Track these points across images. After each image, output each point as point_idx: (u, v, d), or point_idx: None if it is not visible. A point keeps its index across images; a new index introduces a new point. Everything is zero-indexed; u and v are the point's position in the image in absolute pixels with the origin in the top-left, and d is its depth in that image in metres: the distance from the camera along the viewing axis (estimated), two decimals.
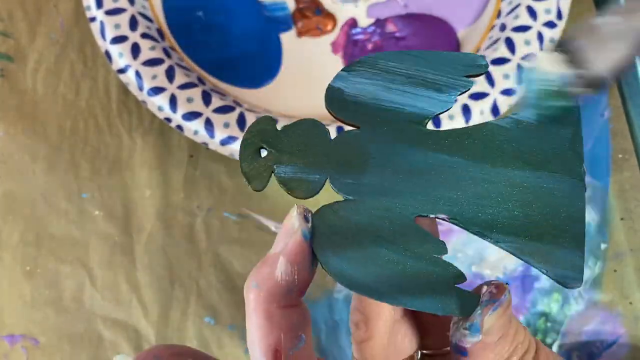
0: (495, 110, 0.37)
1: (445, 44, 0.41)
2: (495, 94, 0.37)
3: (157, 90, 0.36)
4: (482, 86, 0.37)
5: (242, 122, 0.36)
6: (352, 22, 0.41)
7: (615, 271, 0.37)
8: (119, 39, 0.37)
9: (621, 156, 0.39)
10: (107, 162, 0.38)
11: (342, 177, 0.18)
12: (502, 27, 0.39)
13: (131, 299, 0.36)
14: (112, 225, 0.37)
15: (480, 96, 0.37)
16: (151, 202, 0.38)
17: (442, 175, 0.18)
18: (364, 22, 0.41)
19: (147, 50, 0.37)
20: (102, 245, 0.37)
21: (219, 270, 0.37)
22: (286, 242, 0.17)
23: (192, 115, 0.36)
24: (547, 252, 0.17)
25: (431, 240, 0.17)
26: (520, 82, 0.17)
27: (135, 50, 0.37)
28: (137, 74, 0.37)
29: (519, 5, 0.39)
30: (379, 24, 0.41)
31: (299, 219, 0.17)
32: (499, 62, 0.37)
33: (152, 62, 0.37)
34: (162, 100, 0.36)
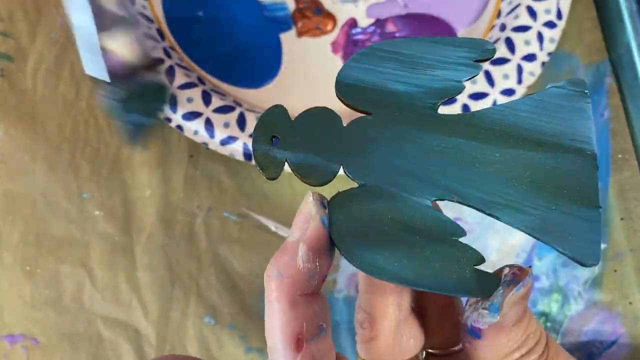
0: None
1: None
2: (495, 94, 0.37)
3: None
4: (482, 86, 0.37)
5: (242, 122, 0.36)
6: (352, 22, 0.41)
7: (615, 271, 0.37)
8: None
9: (621, 156, 0.39)
10: (107, 162, 0.38)
11: (356, 164, 0.18)
12: (502, 27, 0.39)
13: (131, 299, 0.36)
14: (112, 225, 0.37)
15: (480, 96, 0.37)
16: (151, 202, 0.38)
17: (455, 158, 0.18)
18: (364, 22, 0.41)
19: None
20: (102, 245, 0.37)
21: (219, 270, 0.37)
22: (304, 229, 0.17)
23: (192, 115, 0.36)
24: (561, 230, 0.17)
25: (448, 223, 0.17)
26: None
27: None
28: None
29: (519, 5, 0.39)
30: (379, 24, 0.41)
31: (316, 206, 0.17)
32: (499, 62, 0.37)
33: None
34: None
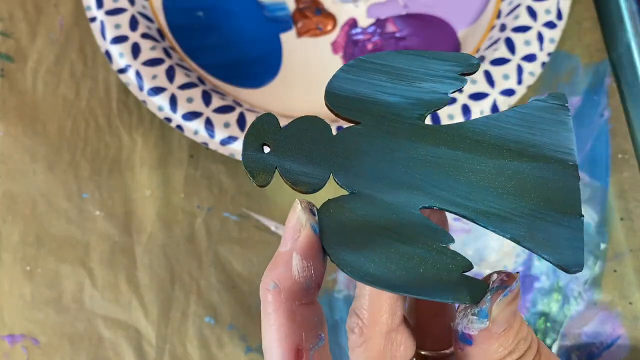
0: (495, 110, 0.37)
1: (445, 44, 0.41)
2: (495, 94, 0.37)
3: (157, 90, 0.36)
4: (482, 86, 0.37)
5: (242, 122, 0.36)
6: (352, 22, 0.41)
7: (615, 271, 0.37)
8: (120, 39, 0.37)
9: (621, 156, 0.39)
10: (107, 162, 0.38)
11: (345, 172, 0.18)
12: (502, 28, 0.39)
13: (131, 299, 0.36)
14: (112, 225, 0.37)
15: (480, 96, 0.37)
16: (151, 202, 0.38)
17: (442, 167, 0.18)
18: (364, 22, 0.41)
19: (148, 50, 0.37)
20: (102, 245, 0.37)
21: (219, 270, 0.37)
22: (295, 239, 0.17)
23: (192, 115, 0.36)
24: (546, 238, 0.17)
25: (437, 230, 0.18)
26: None
27: (135, 50, 0.37)
28: (138, 74, 0.37)
29: (519, 5, 0.39)
30: (379, 24, 0.41)
31: (306, 213, 0.17)
32: (499, 62, 0.37)
33: (153, 62, 0.37)
34: (162, 100, 0.36)
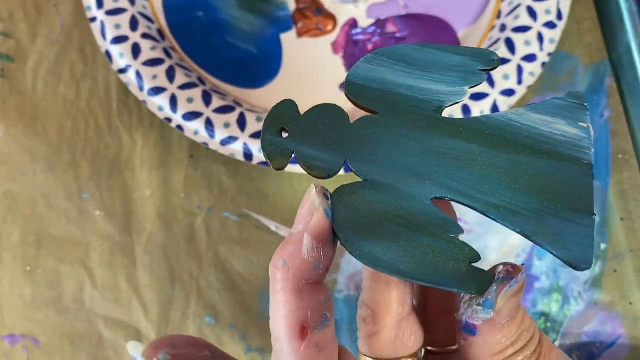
0: (494, 110, 0.37)
1: (445, 44, 0.41)
2: (495, 94, 0.37)
3: (157, 90, 0.36)
4: (482, 86, 0.37)
5: (242, 122, 0.36)
6: (352, 22, 0.41)
7: (615, 271, 0.37)
8: (120, 39, 0.37)
9: (621, 156, 0.39)
10: (107, 162, 0.38)
11: (359, 159, 0.18)
12: (502, 28, 0.39)
13: (131, 299, 0.36)
14: (112, 225, 0.37)
15: (480, 96, 0.37)
16: (151, 202, 0.38)
17: (456, 159, 0.18)
18: (364, 22, 0.41)
19: (148, 50, 0.37)
20: (102, 245, 0.37)
21: (219, 270, 0.37)
22: (307, 220, 0.18)
23: (192, 115, 0.36)
24: (556, 234, 0.18)
25: (447, 221, 0.18)
26: None
27: (135, 50, 0.37)
28: (138, 73, 0.37)
29: (519, 5, 0.39)
30: (379, 24, 0.41)
31: (319, 197, 0.18)
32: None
33: (153, 62, 0.37)
34: (162, 100, 0.36)
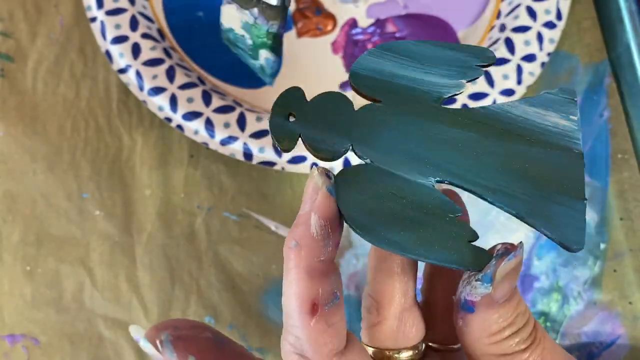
0: None
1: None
2: (494, 94, 0.37)
3: (157, 90, 0.36)
4: (482, 86, 0.37)
5: (242, 122, 0.36)
6: (352, 23, 0.41)
7: (614, 271, 0.37)
8: (120, 39, 0.37)
9: (620, 156, 0.39)
10: (107, 162, 0.38)
11: (363, 143, 0.19)
12: (502, 28, 0.39)
13: (131, 299, 0.36)
14: (112, 225, 0.37)
15: (480, 96, 0.37)
16: (151, 202, 0.38)
17: (456, 146, 0.19)
18: (364, 22, 0.41)
19: (148, 50, 0.37)
20: (103, 245, 0.37)
21: (219, 270, 0.37)
22: (312, 200, 0.18)
23: (192, 115, 0.36)
24: (550, 217, 0.19)
25: (447, 202, 0.19)
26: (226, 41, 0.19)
27: (135, 50, 0.37)
28: (138, 74, 0.37)
29: (518, 5, 0.39)
30: (379, 24, 0.41)
31: (322, 177, 0.18)
32: (499, 62, 0.37)
33: (153, 62, 0.37)
34: (162, 100, 0.36)
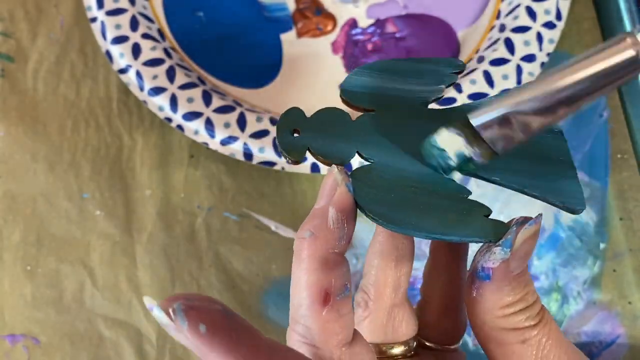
0: None
1: (445, 44, 0.41)
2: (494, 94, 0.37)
3: (157, 90, 0.36)
4: (482, 86, 0.37)
5: (242, 122, 0.36)
6: (352, 23, 0.41)
7: (614, 271, 0.37)
8: (120, 39, 0.37)
9: (620, 156, 0.39)
10: (108, 162, 0.38)
11: (367, 146, 0.21)
12: (502, 28, 0.39)
13: (131, 299, 0.36)
14: (112, 225, 0.37)
15: (479, 96, 0.37)
16: (152, 202, 0.38)
17: None
18: (364, 22, 0.41)
19: (148, 50, 0.37)
20: (103, 245, 0.37)
21: (219, 270, 0.37)
22: (331, 196, 0.19)
23: (192, 115, 0.36)
24: (548, 186, 0.20)
25: (455, 184, 0.20)
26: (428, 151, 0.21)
27: (136, 50, 0.37)
28: (138, 74, 0.37)
29: (518, 6, 0.39)
30: (379, 24, 0.41)
31: (341, 174, 0.19)
32: (499, 62, 0.37)
33: (153, 62, 0.37)
34: (162, 100, 0.36)
